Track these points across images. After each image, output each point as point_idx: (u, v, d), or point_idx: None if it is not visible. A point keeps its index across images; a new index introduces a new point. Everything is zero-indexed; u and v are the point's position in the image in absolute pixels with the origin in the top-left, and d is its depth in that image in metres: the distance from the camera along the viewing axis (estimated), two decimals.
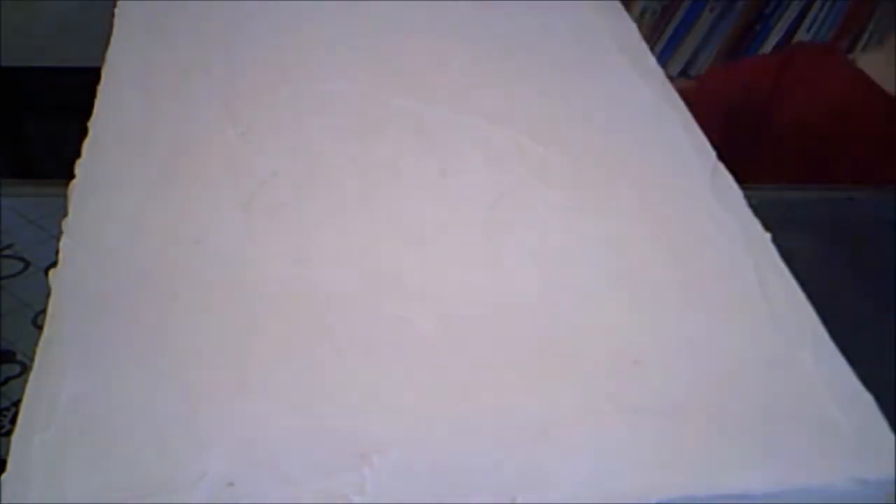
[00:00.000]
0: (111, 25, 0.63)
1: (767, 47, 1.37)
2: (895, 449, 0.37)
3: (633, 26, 0.64)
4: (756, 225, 0.48)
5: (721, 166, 0.52)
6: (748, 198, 0.50)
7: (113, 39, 0.61)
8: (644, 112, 0.57)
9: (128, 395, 0.39)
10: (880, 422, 0.38)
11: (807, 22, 1.35)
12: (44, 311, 0.43)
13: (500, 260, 0.46)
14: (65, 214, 0.48)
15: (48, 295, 0.44)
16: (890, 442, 0.37)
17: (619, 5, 0.67)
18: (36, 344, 0.41)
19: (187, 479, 0.36)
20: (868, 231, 0.63)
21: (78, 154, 0.52)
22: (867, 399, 0.39)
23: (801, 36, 1.36)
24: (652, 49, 0.63)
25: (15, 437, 0.37)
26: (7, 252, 0.72)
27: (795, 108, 0.96)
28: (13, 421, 0.39)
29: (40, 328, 0.42)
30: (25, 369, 0.64)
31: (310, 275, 0.45)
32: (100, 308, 0.43)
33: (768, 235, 0.48)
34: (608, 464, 0.37)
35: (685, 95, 0.57)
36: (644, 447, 0.37)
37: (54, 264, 0.45)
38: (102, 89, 0.57)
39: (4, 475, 0.36)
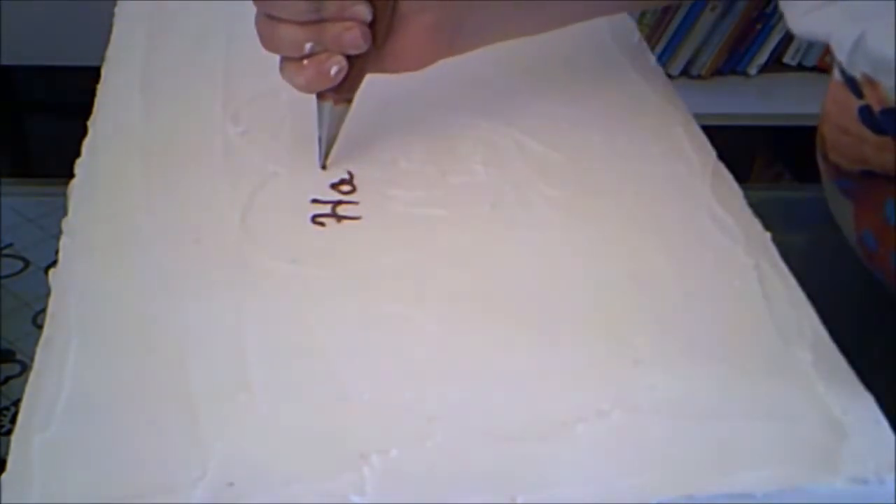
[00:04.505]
0: (111, 25, 0.63)
1: (768, 47, 1.37)
2: (895, 449, 0.37)
3: (634, 26, 0.64)
4: (756, 225, 0.48)
5: (721, 166, 0.52)
6: (748, 198, 0.50)
7: (113, 39, 0.62)
8: (644, 112, 0.57)
9: (128, 396, 0.39)
10: (880, 422, 0.38)
11: None
12: (44, 311, 0.43)
13: (500, 260, 0.46)
14: (65, 214, 0.48)
15: (48, 295, 0.44)
16: (890, 442, 0.37)
17: None
18: (36, 344, 0.41)
19: (187, 479, 0.36)
20: None
21: (78, 153, 0.52)
22: (867, 399, 0.39)
23: None
24: (652, 49, 0.63)
25: (15, 437, 0.37)
26: (7, 252, 0.72)
27: None
28: (13, 421, 0.38)
29: (40, 328, 0.42)
30: (25, 369, 0.64)
31: (309, 274, 0.45)
32: (100, 308, 0.43)
33: (768, 235, 0.48)
34: (608, 464, 0.37)
35: None
36: (644, 447, 0.37)
37: (54, 264, 0.45)
38: (102, 89, 0.57)
39: (4, 475, 0.36)
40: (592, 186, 0.51)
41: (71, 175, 0.51)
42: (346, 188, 0.50)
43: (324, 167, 0.51)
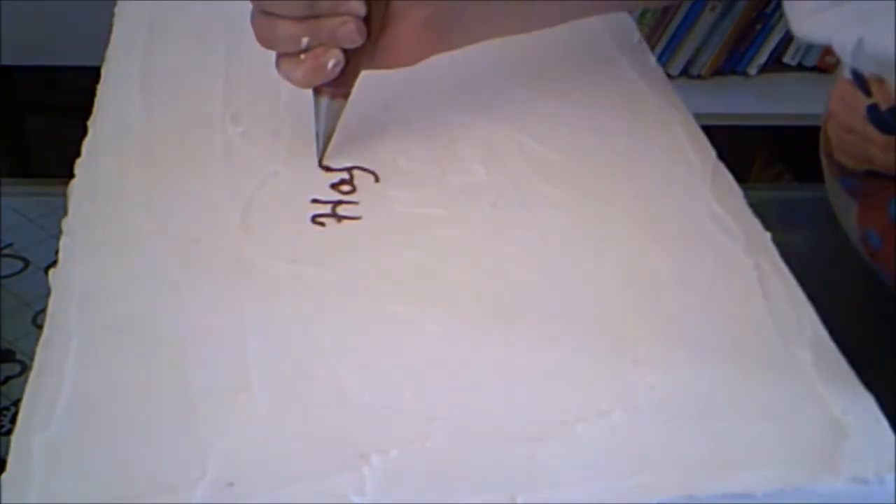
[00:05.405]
0: (111, 25, 0.63)
1: (768, 47, 1.37)
2: (895, 449, 0.37)
3: (634, 26, 0.64)
4: (756, 225, 0.48)
5: (721, 166, 0.52)
6: (748, 198, 0.50)
7: (113, 39, 0.62)
8: (644, 112, 0.57)
9: (128, 396, 0.39)
10: (880, 422, 0.38)
11: None
12: (44, 311, 0.43)
13: (500, 260, 0.46)
14: (65, 214, 0.48)
15: (48, 294, 0.44)
16: (890, 442, 0.37)
17: None
18: (36, 344, 0.41)
19: (187, 479, 0.36)
20: None
21: (78, 153, 0.52)
22: (867, 399, 0.39)
23: None
24: (652, 49, 0.63)
25: (15, 437, 0.37)
26: (7, 252, 0.72)
27: None
28: (13, 421, 0.39)
29: (40, 328, 0.42)
30: (25, 369, 0.64)
31: (309, 274, 0.45)
32: (100, 308, 0.43)
33: (768, 235, 0.48)
34: (608, 464, 0.37)
35: None
36: (644, 447, 0.37)
37: (54, 264, 0.45)
38: (102, 89, 0.57)
39: (4, 475, 0.36)
40: (592, 186, 0.51)
41: (71, 175, 0.51)
42: (346, 188, 0.50)
43: (321, 162, 0.51)
